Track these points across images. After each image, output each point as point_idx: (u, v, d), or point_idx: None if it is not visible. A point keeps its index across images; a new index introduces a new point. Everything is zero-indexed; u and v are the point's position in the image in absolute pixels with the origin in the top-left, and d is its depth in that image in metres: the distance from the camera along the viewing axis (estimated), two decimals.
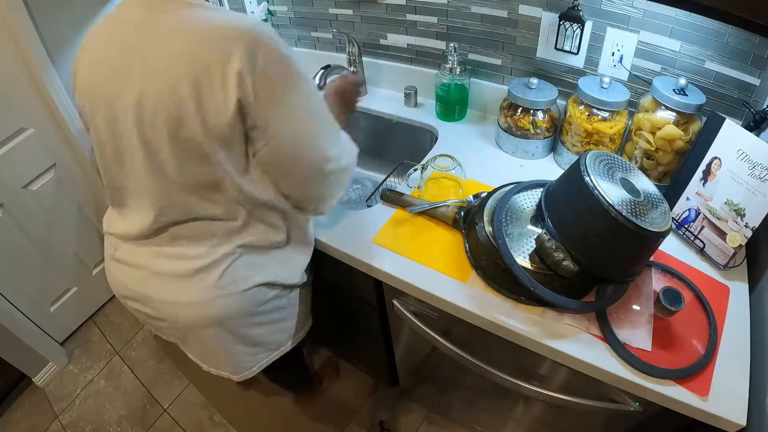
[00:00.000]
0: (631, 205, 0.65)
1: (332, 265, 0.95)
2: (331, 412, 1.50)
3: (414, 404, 1.49)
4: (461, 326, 0.83)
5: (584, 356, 0.68)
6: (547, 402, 0.84)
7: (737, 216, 0.75)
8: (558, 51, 1.02)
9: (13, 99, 1.26)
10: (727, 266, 0.79)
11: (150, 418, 1.54)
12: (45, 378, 1.65)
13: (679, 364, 0.65)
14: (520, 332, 0.72)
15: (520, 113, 1.03)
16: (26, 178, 1.39)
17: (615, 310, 0.72)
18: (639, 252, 0.69)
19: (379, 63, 1.32)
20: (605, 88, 0.92)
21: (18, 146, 1.32)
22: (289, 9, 1.39)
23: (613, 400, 0.75)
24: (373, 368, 1.51)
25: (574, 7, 0.93)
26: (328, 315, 1.34)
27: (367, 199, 1.11)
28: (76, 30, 1.27)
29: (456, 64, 1.11)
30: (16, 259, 1.45)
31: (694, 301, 0.75)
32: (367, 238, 0.89)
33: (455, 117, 1.21)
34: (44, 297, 1.61)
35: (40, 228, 1.49)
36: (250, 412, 1.53)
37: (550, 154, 1.08)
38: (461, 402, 1.27)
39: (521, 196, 0.81)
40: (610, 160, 0.72)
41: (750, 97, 0.85)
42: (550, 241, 0.68)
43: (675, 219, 0.85)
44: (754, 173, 0.72)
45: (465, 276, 0.80)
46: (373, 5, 1.22)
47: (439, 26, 1.16)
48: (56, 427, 1.54)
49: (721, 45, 0.82)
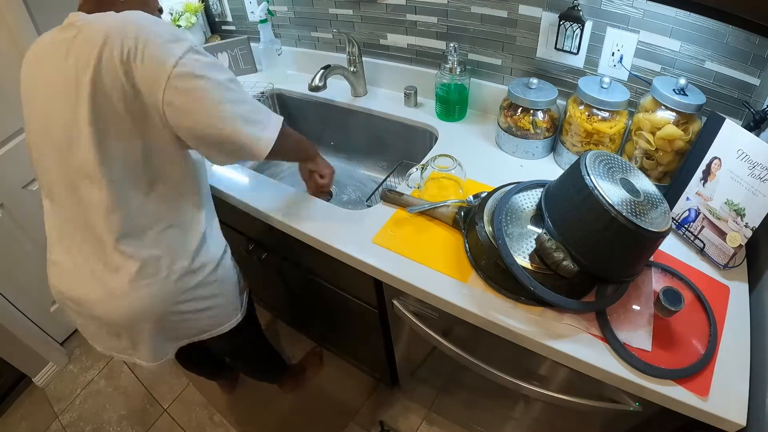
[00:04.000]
0: (631, 205, 0.65)
1: (332, 264, 0.95)
2: (331, 412, 1.50)
3: (414, 404, 1.49)
4: (461, 326, 0.83)
5: (584, 356, 0.68)
6: (547, 402, 0.84)
7: (737, 216, 0.75)
8: (558, 51, 1.02)
9: (13, 99, 1.25)
10: (727, 266, 0.79)
11: (150, 418, 1.54)
12: (45, 378, 1.65)
13: (679, 364, 0.65)
14: (520, 332, 0.72)
15: (520, 113, 1.03)
16: (26, 178, 1.39)
17: (615, 310, 0.72)
18: (639, 252, 0.69)
19: (379, 63, 1.32)
20: (605, 88, 0.92)
21: (18, 146, 1.32)
22: (289, 9, 1.39)
23: (613, 400, 0.75)
24: (373, 368, 1.51)
25: (574, 7, 0.93)
26: (328, 315, 1.35)
27: (367, 199, 1.11)
28: None
29: (456, 64, 1.11)
30: (16, 259, 1.45)
31: (694, 301, 0.75)
32: (367, 238, 0.89)
33: (455, 117, 1.21)
34: (44, 297, 1.61)
35: (40, 228, 1.47)
36: (250, 412, 1.53)
37: (550, 154, 1.08)
38: (461, 402, 1.27)
39: (521, 196, 0.81)
40: (610, 160, 0.72)
41: (750, 97, 0.85)
42: (550, 241, 0.68)
43: (675, 219, 0.85)
44: (754, 173, 0.72)
45: (465, 276, 0.80)
46: (373, 5, 1.22)
47: (439, 26, 1.16)
48: (56, 427, 1.54)
49: (721, 45, 0.82)
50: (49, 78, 0.74)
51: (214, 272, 0.90)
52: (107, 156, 0.73)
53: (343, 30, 1.31)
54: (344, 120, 1.37)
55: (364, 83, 1.34)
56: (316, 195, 1.03)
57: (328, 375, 1.60)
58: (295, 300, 1.41)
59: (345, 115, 1.37)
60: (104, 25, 0.70)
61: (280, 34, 1.49)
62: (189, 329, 0.93)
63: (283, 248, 1.05)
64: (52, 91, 0.74)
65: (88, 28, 0.71)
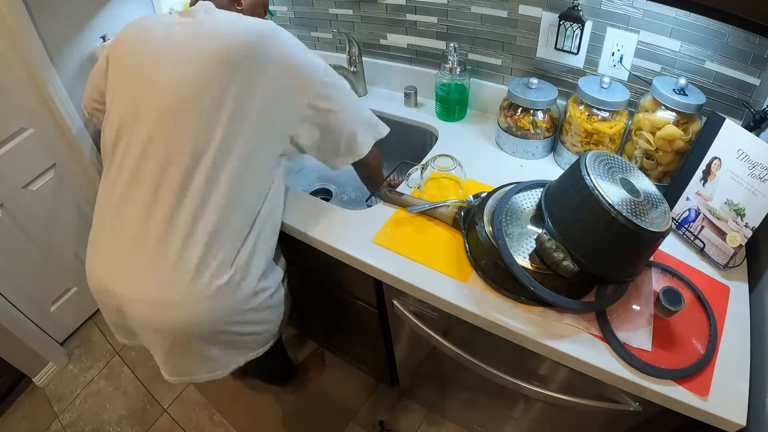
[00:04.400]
0: (631, 205, 0.65)
1: (332, 265, 0.95)
2: (331, 412, 1.50)
3: (414, 404, 1.49)
4: (461, 326, 0.83)
5: (584, 356, 0.68)
6: (547, 402, 0.84)
7: (737, 216, 0.75)
8: (558, 51, 1.02)
9: (13, 99, 1.26)
10: (727, 266, 0.79)
11: (150, 418, 1.54)
12: (45, 378, 1.65)
13: (679, 364, 0.65)
14: (520, 332, 0.72)
15: (520, 113, 1.03)
16: (26, 178, 1.39)
17: (615, 310, 0.72)
18: (639, 252, 0.69)
19: (379, 63, 1.32)
20: (605, 88, 0.92)
21: (18, 146, 1.32)
22: (289, 9, 1.39)
23: (613, 400, 0.75)
24: (373, 368, 1.51)
25: (574, 7, 0.93)
26: (328, 315, 1.35)
27: (367, 199, 1.11)
28: (76, 30, 1.27)
29: (456, 64, 1.11)
30: (16, 259, 1.45)
31: (694, 301, 0.75)
32: (367, 238, 0.89)
33: (455, 117, 1.21)
34: (44, 297, 1.61)
35: (40, 228, 1.48)
36: (250, 412, 1.53)
37: (550, 154, 1.08)
38: (461, 402, 1.27)
39: (521, 196, 0.81)
40: (610, 160, 0.72)
41: (750, 97, 0.85)
42: (550, 241, 0.68)
43: (675, 219, 0.85)
44: (754, 173, 0.72)
45: (465, 276, 0.80)
46: (373, 5, 1.22)
47: (439, 26, 1.16)
48: (56, 427, 1.54)
49: (721, 45, 0.82)
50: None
51: (270, 298, 0.89)
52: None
53: (343, 30, 1.31)
54: None
55: (364, 83, 1.34)
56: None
57: (328, 375, 1.60)
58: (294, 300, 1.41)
59: None
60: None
61: None
62: (229, 349, 0.90)
63: (282, 248, 1.05)
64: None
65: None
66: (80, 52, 1.29)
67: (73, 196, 1.54)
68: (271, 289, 0.89)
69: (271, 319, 0.93)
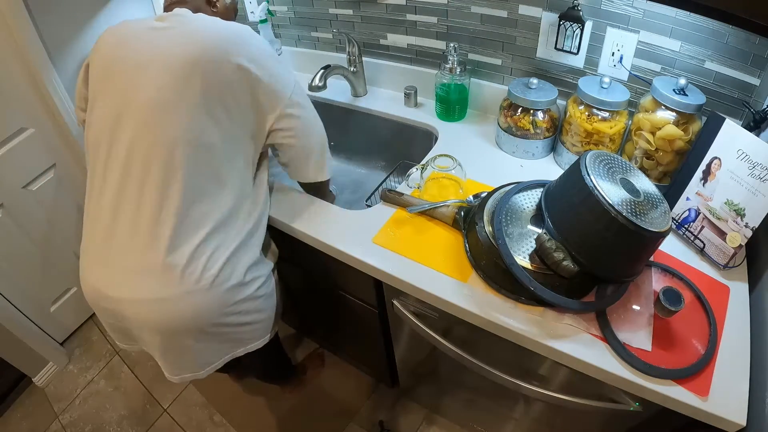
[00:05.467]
0: (631, 205, 0.65)
1: (332, 265, 0.95)
2: (331, 412, 1.50)
3: (414, 404, 1.49)
4: (461, 326, 0.83)
5: (584, 356, 0.68)
6: (547, 402, 0.84)
7: (737, 216, 0.75)
8: (558, 51, 1.02)
9: (13, 99, 1.26)
10: (727, 266, 0.79)
11: (150, 418, 1.54)
12: (45, 378, 1.65)
13: (679, 364, 0.65)
14: (520, 332, 0.72)
15: (520, 113, 1.03)
16: (26, 178, 1.39)
17: (615, 310, 0.72)
18: (639, 252, 0.69)
19: (379, 63, 1.32)
20: (605, 88, 0.92)
21: (18, 146, 1.32)
22: (289, 9, 1.39)
23: (613, 400, 0.75)
24: (373, 368, 1.51)
25: (574, 7, 0.93)
26: (328, 315, 1.35)
27: (367, 199, 1.11)
28: (76, 30, 1.27)
29: (456, 64, 1.11)
30: (16, 259, 1.45)
31: (694, 301, 0.75)
32: (366, 238, 0.89)
33: (455, 117, 1.21)
34: (44, 297, 1.61)
35: (40, 228, 1.49)
36: (250, 412, 1.53)
37: (550, 154, 1.08)
38: (461, 402, 1.27)
39: (521, 196, 0.81)
40: (610, 160, 0.72)
41: (750, 97, 0.85)
42: (550, 241, 0.68)
43: (675, 219, 0.85)
44: (754, 173, 0.72)
45: (465, 276, 0.80)
46: (373, 5, 1.22)
47: (439, 26, 1.16)
48: (56, 427, 1.54)
49: (721, 45, 0.82)
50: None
51: (261, 288, 0.91)
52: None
53: (343, 30, 1.31)
54: (344, 120, 1.37)
55: (364, 83, 1.34)
56: None
57: (328, 375, 1.60)
58: (295, 300, 1.41)
59: (345, 115, 1.36)
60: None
61: (280, 34, 1.49)
62: (225, 342, 0.92)
63: (282, 248, 1.06)
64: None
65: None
66: (80, 52, 1.29)
67: (73, 196, 1.54)
68: (261, 278, 0.91)
69: (264, 308, 0.95)
